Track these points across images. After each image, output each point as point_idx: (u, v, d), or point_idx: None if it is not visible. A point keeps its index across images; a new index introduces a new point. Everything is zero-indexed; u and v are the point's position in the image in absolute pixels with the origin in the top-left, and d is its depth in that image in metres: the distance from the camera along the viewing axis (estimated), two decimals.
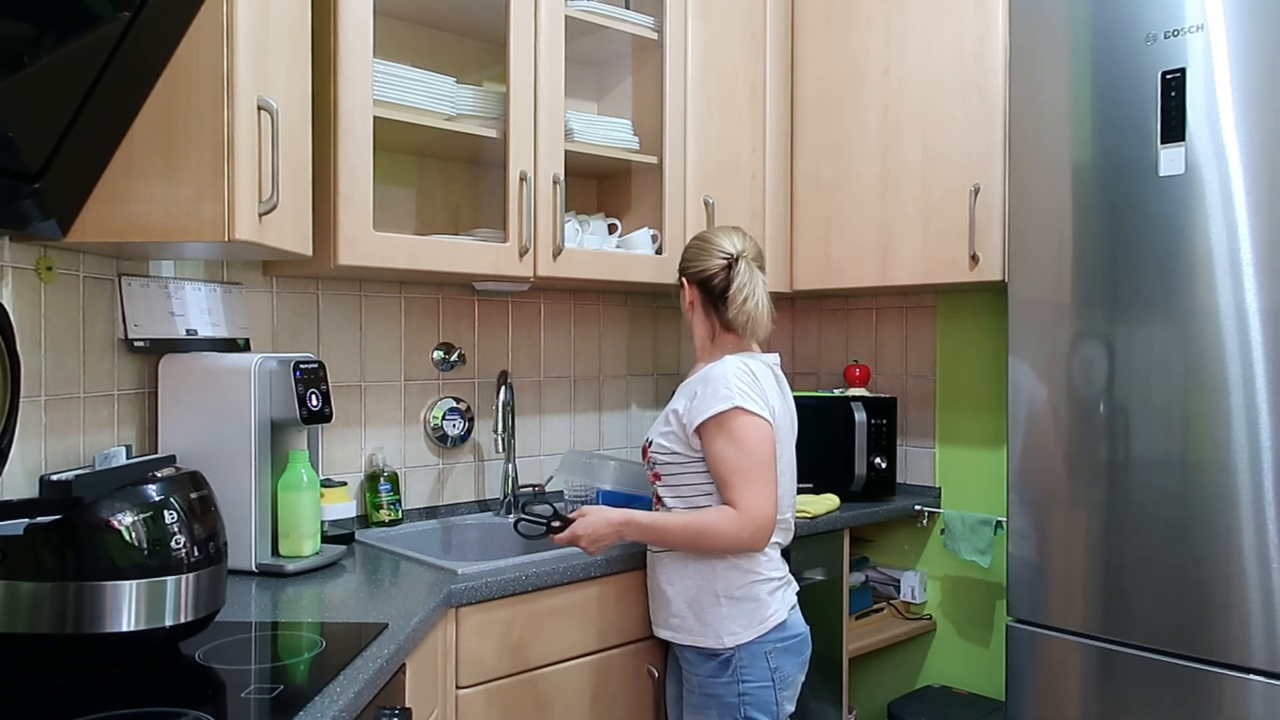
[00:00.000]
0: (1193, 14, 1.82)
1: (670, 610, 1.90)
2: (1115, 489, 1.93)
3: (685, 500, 1.88)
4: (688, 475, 1.87)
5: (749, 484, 1.78)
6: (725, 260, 1.94)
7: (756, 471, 1.79)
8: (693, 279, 1.98)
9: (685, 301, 2.00)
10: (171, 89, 1.52)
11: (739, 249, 1.95)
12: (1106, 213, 1.94)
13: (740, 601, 1.83)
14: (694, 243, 2.03)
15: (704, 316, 1.98)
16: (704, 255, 1.96)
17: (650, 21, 2.49)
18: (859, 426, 2.63)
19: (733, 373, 1.83)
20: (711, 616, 1.84)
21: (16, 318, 1.55)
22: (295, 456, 1.84)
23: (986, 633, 2.69)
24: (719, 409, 1.79)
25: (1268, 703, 1.73)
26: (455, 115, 2.18)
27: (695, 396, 1.84)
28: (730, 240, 1.97)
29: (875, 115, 2.61)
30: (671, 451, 1.88)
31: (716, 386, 1.82)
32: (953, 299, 2.77)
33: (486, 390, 2.54)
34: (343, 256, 1.92)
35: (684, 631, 1.87)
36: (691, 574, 1.86)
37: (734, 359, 1.88)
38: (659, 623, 1.95)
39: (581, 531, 1.87)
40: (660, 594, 1.92)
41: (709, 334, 1.98)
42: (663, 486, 1.92)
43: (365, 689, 1.24)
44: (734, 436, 1.79)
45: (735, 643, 1.82)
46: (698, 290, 1.97)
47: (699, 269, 1.97)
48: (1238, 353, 1.77)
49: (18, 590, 1.20)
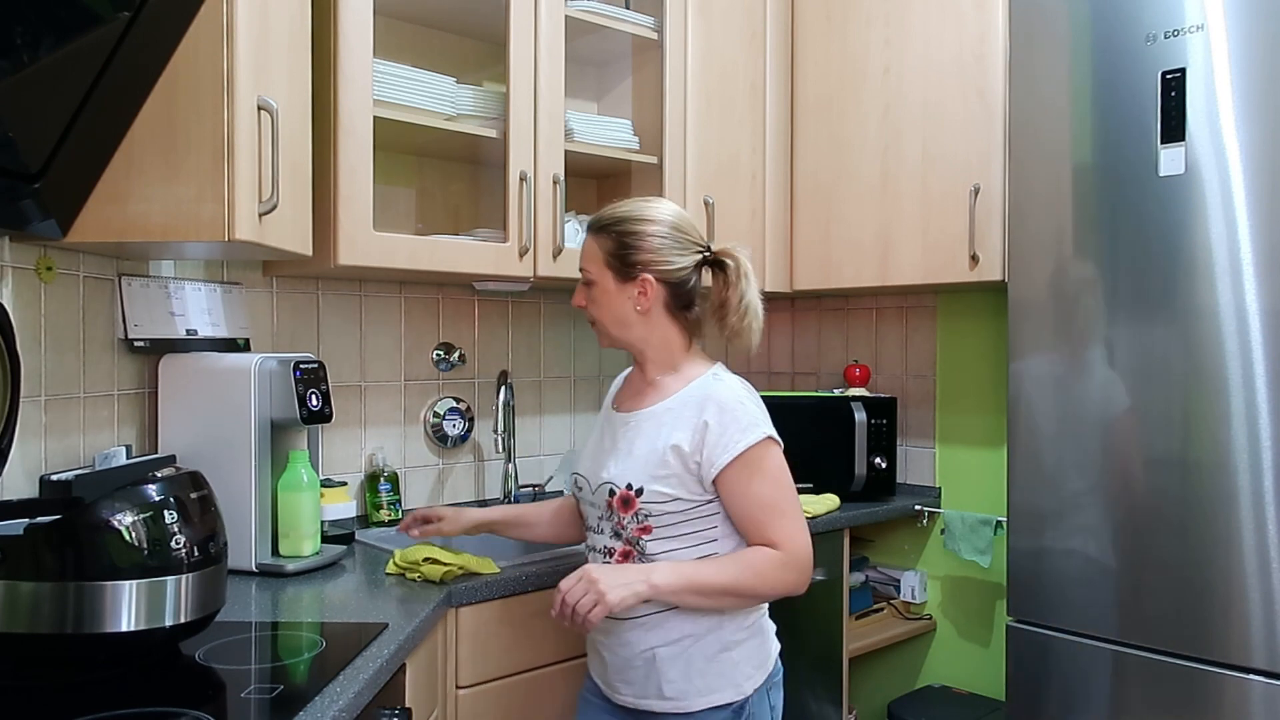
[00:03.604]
0: (1193, 14, 1.82)
1: (662, 678, 1.55)
2: (1115, 489, 1.92)
3: (684, 554, 1.56)
4: (691, 523, 1.55)
5: (789, 519, 1.53)
6: (701, 256, 1.62)
7: (792, 504, 1.55)
8: (660, 276, 1.59)
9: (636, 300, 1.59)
10: (171, 89, 1.52)
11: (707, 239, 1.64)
12: (1106, 213, 1.94)
13: (751, 638, 1.59)
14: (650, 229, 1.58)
15: (668, 320, 1.62)
16: (674, 248, 1.59)
17: (650, 21, 2.50)
18: (859, 426, 2.63)
19: (744, 395, 1.57)
20: (723, 666, 1.56)
21: (16, 318, 1.55)
22: (295, 456, 1.84)
23: (986, 633, 2.69)
24: (749, 442, 1.51)
25: (1268, 703, 1.73)
26: (455, 115, 2.18)
27: (707, 429, 1.52)
28: (691, 221, 1.64)
29: (875, 115, 2.61)
30: (674, 498, 1.54)
31: (735, 413, 1.53)
32: (953, 299, 2.77)
33: (486, 390, 2.54)
34: (343, 256, 1.92)
35: (689, 697, 1.55)
36: (691, 628, 1.55)
37: (731, 376, 1.62)
38: (640, 694, 1.59)
39: (601, 577, 1.47)
40: (643, 662, 1.57)
41: (684, 337, 1.64)
42: (654, 540, 1.56)
43: (365, 689, 1.24)
44: (767, 471, 1.53)
45: (753, 687, 1.57)
46: (664, 291, 1.60)
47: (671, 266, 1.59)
48: (1238, 353, 1.77)
49: (18, 590, 1.20)
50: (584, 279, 1.65)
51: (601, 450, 1.66)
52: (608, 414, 1.72)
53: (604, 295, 1.61)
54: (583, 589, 1.47)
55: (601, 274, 1.61)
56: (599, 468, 1.63)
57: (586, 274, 1.63)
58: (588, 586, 1.47)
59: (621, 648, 1.59)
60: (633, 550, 1.58)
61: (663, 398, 1.61)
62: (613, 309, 1.61)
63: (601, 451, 1.65)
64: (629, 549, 1.58)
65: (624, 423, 1.64)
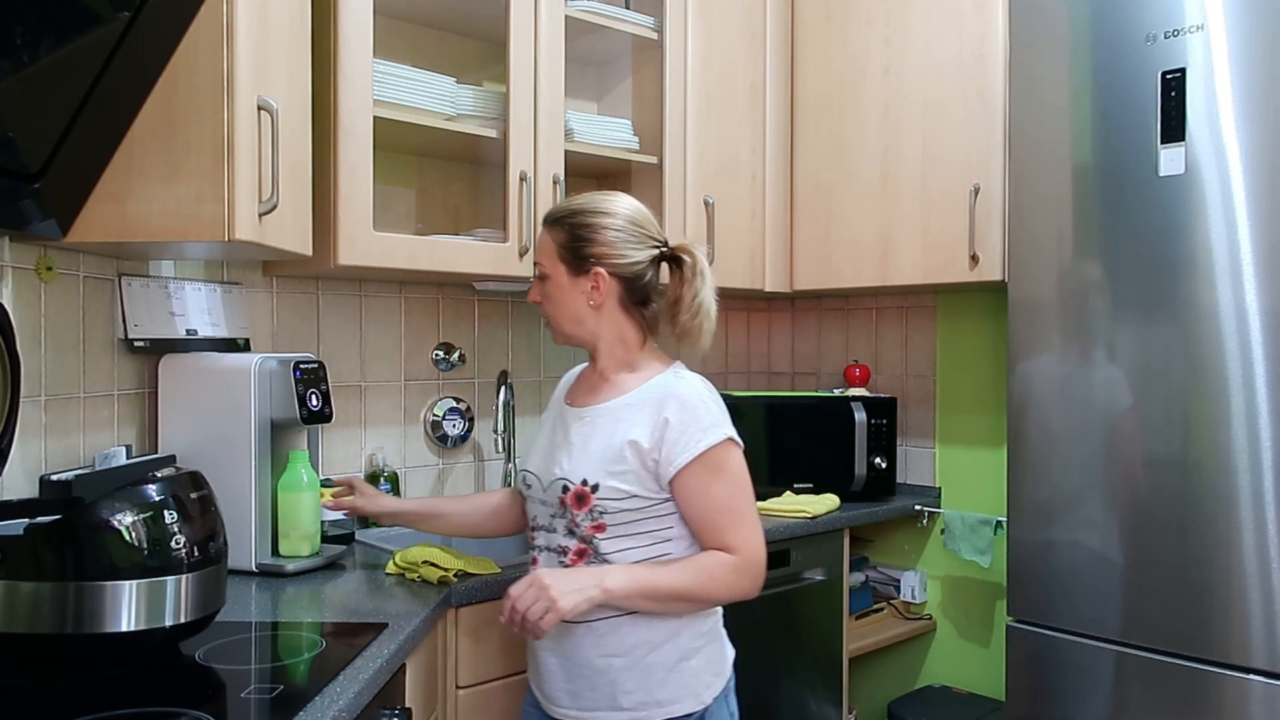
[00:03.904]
0: (1193, 14, 1.82)
1: (617, 688, 1.50)
2: (1115, 489, 1.92)
3: (639, 553, 1.51)
4: (647, 522, 1.51)
5: (744, 523, 1.50)
6: (657, 251, 1.57)
7: (750, 507, 1.52)
8: (613, 270, 1.54)
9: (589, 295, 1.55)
10: (171, 89, 1.52)
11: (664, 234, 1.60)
12: (1106, 213, 1.94)
13: (709, 644, 1.55)
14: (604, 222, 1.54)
15: (622, 316, 1.57)
16: (629, 241, 1.55)
17: (650, 21, 2.50)
18: (859, 426, 2.63)
19: (706, 394, 1.53)
20: (682, 675, 1.51)
21: (16, 318, 1.55)
22: (295, 456, 1.84)
23: (986, 633, 2.69)
24: (710, 442, 1.47)
25: (1268, 703, 1.73)
26: (455, 115, 2.18)
27: (667, 425, 1.47)
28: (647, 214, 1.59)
29: (875, 115, 2.61)
30: (629, 495, 1.49)
31: (697, 412, 1.49)
32: (953, 299, 2.77)
33: (486, 390, 2.54)
34: (343, 256, 1.92)
35: (647, 708, 1.50)
36: (648, 636, 1.50)
37: (692, 374, 1.57)
38: (589, 705, 1.52)
39: (553, 583, 1.42)
40: (594, 671, 1.51)
41: (640, 333, 1.59)
42: (608, 539, 1.51)
43: (365, 689, 1.24)
44: (725, 472, 1.49)
45: (713, 695, 1.53)
46: (618, 285, 1.55)
47: (625, 260, 1.54)
48: (1238, 353, 1.77)
49: (18, 590, 1.20)
50: (538, 273, 1.60)
51: (554, 446, 1.60)
52: (559, 409, 1.66)
53: (557, 289, 1.56)
54: (534, 595, 1.42)
55: (555, 267, 1.56)
56: (551, 464, 1.57)
57: (540, 268, 1.59)
58: (539, 593, 1.41)
59: (573, 654, 1.52)
60: (587, 549, 1.52)
61: (620, 393, 1.56)
62: (566, 303, 1.56)
63: (554, 447, 1.59)
64: (584, 547, 1.52)
65: (578, 418, 1.59)
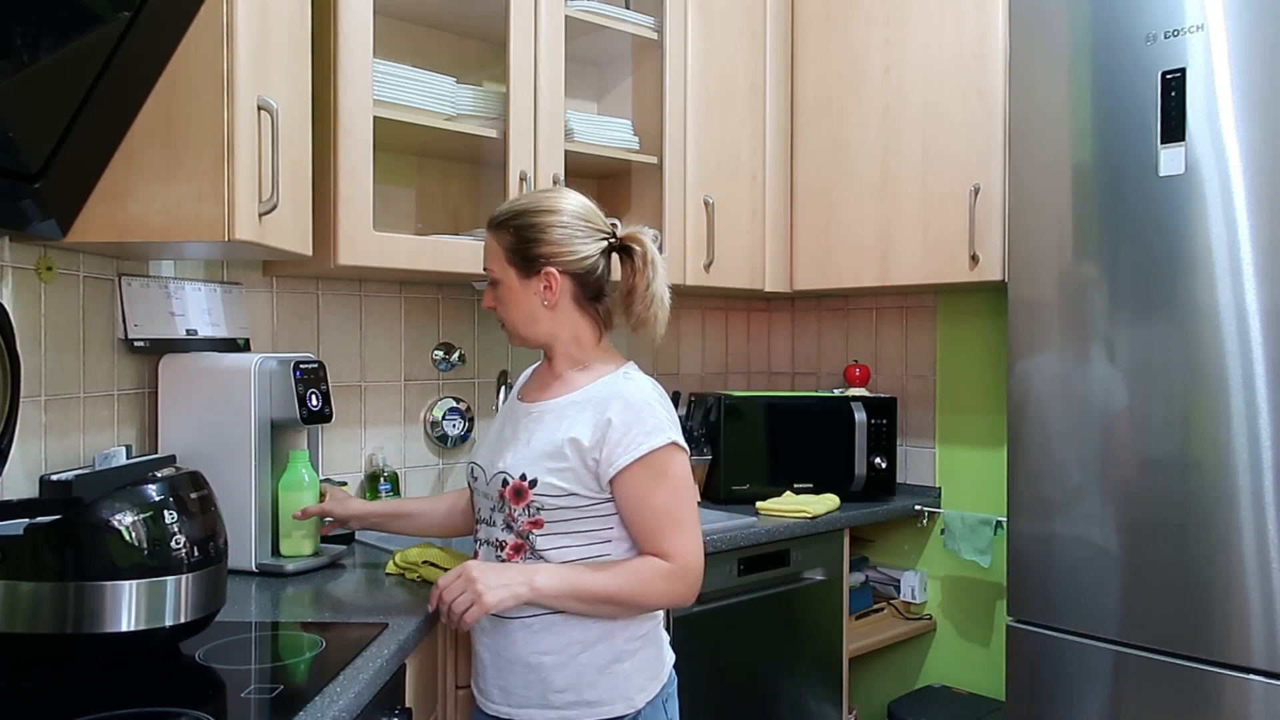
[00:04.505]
0: (1193, 14, 1.82)
1: (548, 686, 1.48)
2: (1115, 489, 1.92)
3: (576, 552, 1.49)
4: (585, 521, 1.49)
5: (682, 530, 1.46)
6: (606, 243, 1.54)
7: (688, 514, 1.48)
8: (565, 268, 1.51)
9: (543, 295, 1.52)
10: (171, 89, 1.52)
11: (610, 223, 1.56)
12: (1106, 213, 1.94)
13: (644, 648, 1.53)
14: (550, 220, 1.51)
15: (577, 313, 1.55)
16: (577, 237, 1.51)
17: (650, 21, 2.50)
18: (859, 426, 2.63)
19: (654, 396, 1.50)
20: (615, 677, 1.49)
21: (16, 318, 1.55)
22: (296, 456, 1.84)
23: (986, 633, 2.69)
24: (652, 446, 1.44)
25: (1268, 703, 1.73)
26: (455, 115, 2.18)
27: (610, 426, 1.45)
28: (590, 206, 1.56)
29: (875, 115, 2.61)
30: (568, 493, 1.46)
31: (641, 414, 1.46)
32: (953, 299, 2.77)
33: (486, 390, 2.54)
34: (343, 256, 1.92)
35: (577, 708, 1.48)
36: (581, 635, 1.48)
37: (642, 376, 1.55)
38: (520, 701, 1.50)
39: (481, 576, 1.42)
40: (525, 668, 1.49)
41: (595, 329, 1.57)
42: (545, 535, 1.49)
43: (365, 689, 1.24)
44: (666, 477, 1.46)
45: (645, 700, 1.50)
46: (571, 283, 1.52)
47: (576, 256, 1.51)
48: (1238, 353, 1.77)
49: (18, 590, 1.20)
50: (489, 279, 1.57)
51: (501, 440, 1.58)
52: (511, 404, 1.65)
53: (509, 293, 1.53)
54: (460, 587, 1.42)
55: (504, 271, 1.53)
56: (496, 457, 1.56)
57: (490, 273, 1.55)
58: (465, 585, 1.41)
59: (504, 649, 1.51)
60: (524, 544, 1.50)
61: (568, 391, 1.54)
62: (519, 306, 1.53)
63: (501, 442, 1.58)
64: (520, 542, 1.50)
65: (526, 413, 1.57)
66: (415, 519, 1.85)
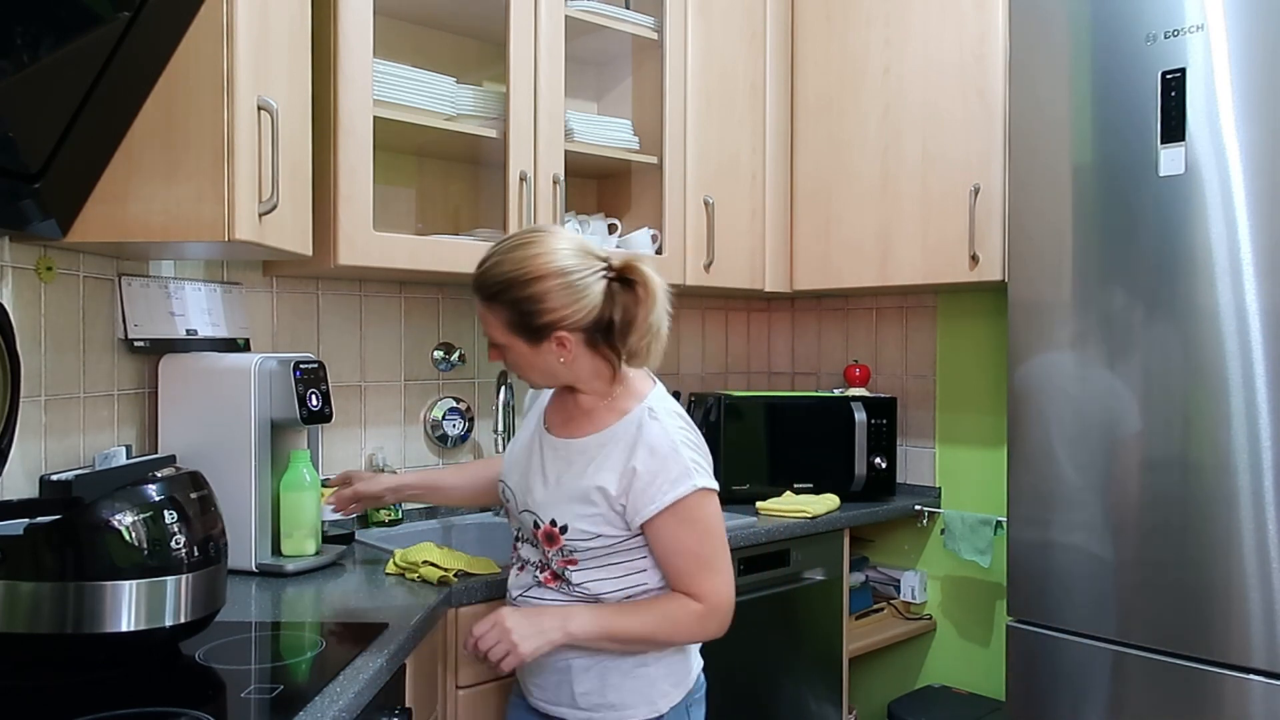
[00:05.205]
0: (1193, 14, 1.82)
1: (575, 684, 1.50)
2: (1115, 489, 1.92)
3: (612, 584, 1.49)
4: (619, 554, 1.49)
5: (714, 572, 1.46)
6: (605, 277, 1.45)
7: (719, 555, 1.47)
8: (576, 328, 1.44)
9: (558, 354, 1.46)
10: (171, 89, 1.52)
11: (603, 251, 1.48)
12: (1106, 213, 1.94)
13: (671, 654, 1.53)
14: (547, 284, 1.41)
15: (592, 358, 1.49)
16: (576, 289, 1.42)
17: (650, 21, 2.50)
18: (859, 426, 2.63)
19: (679, 438, 1.46)
20: (639, 682, 1.50)
21: (16, 318, 1.55)
22: (297, 456, 1.84)
23: (986, 633, 2.69)
24: (678, 495, 1.42)
25: (1268, 703, 1.73)
26: (455, 115, 2.18)
27: (635, 475, 1.43)
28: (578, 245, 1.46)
29: (875, 115, 2.61)
30: (595, 535, 1.47)
31: (666, 462, 1.43)
32: (953, 299, 2.77)
33: (486, 390, 2.54)
34: (343, 256, 1.92)
35: (601, 710, 1.50)
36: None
37: (666, 412, 1.50)
38: (552, 700, 1.54)
39: (515, 626, 1.43)
40: (554, 670, 1.52)
41: (610, 368, 1.51)
42: (579, 570, 1.50)
43: (365, 689, 1.24)
44: (694, 523, 1.44)
45: (669, 705, 1.51)
46: (582, 335, 1.46)
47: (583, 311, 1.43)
48: (1238, 353, 1.77)
49: (18, 590, 1.20)
50: (492, 343, 1.51)
51: (530, 469, 1.57)
52: (538, 427, 1.61)
53: (520, 358, 1.49)
54: (495, 637, 1.43)
55: (511, 341, 1.47)
56: (525, 490, 1.55)
57: (493, 338, 1.50)
58: (500, 635, 1.43)
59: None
60: (561, 577, 1.51)
61: (595, 429, 1.51)
62: (534, 369, 1.50)
63: (530, 471, 1.57)
64: (557, 573, 1.52)
65: (553, 447, 1.56)
66: (450, 493, 1.92)
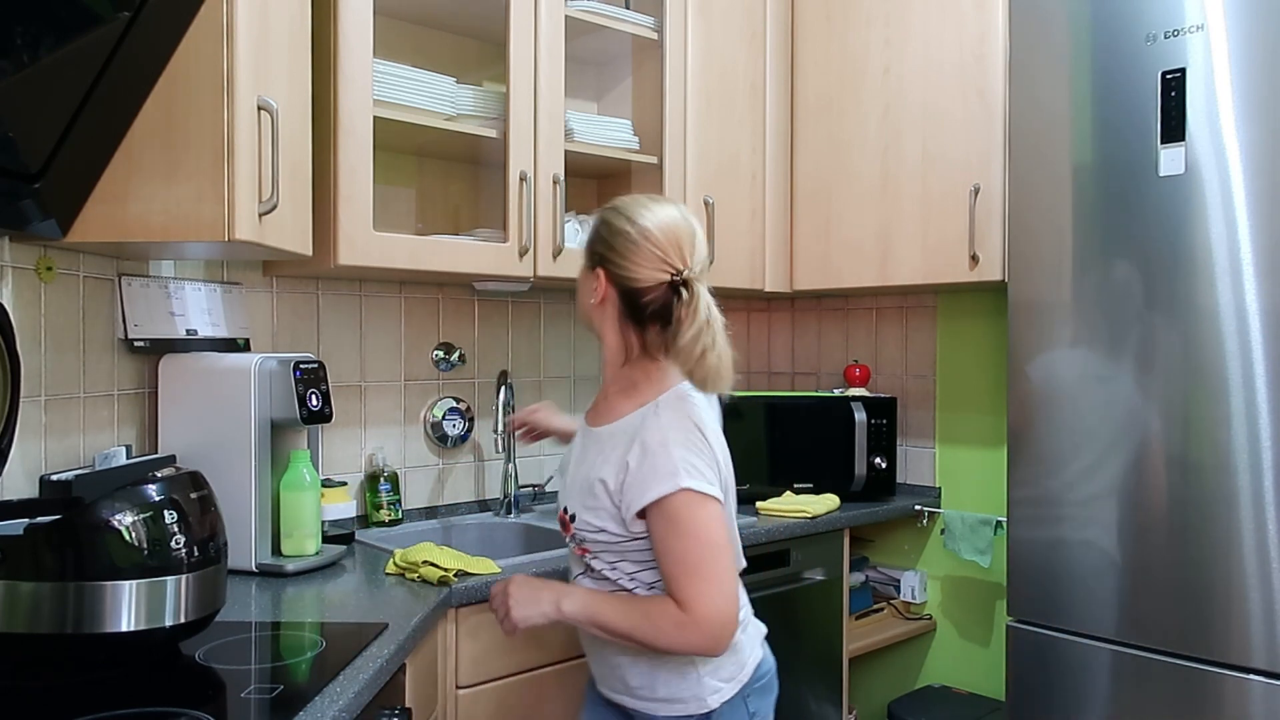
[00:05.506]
0: (1193, 14, 1.82)
1: (627, 676, 1.53)
2: (1115, 488, 1.92)
3: (631, 578, 1.51)
4: (628, 553, 1.49)
5: (701, 580, 1.40)
6: (669, 276, 1.46)
7: (708, 563, 1.41)
8: (614, 278, 1.50)
9: (592, 292, 1.53)
10: (171, 89, 1.52)
11: (691, 261, 1.47)
12: (1106, 213, 1.94)
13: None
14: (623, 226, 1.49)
15: (617, 327, 1.53)
16: (637, 255, 1.47)
17: (650, 21, 2.50)
18: (859, 426, 2.63)
19: (674, 436, 1.44)
20: (686, 679, 1.49)
21: (16, 318, 1.55)
22: (297, 456, 1.84)
23: (986, 633, 2.69)
24: (661, 492, 1.40)
25: (1268, 703, 1.73)
26: (455, 115, 2.18)
27: (628, 469, 1.44)
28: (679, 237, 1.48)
29: (875, 115, 2.61)
30: (600, 529, 1.48)
31: (655, 460, 1.42)
32: (953, 299, 2.77)
33: (486, 390, 2.54)
34: (343, 256, 1.92)
35: (652, 701, 1.51)
36: None
37: (672, 409, 1.48)
38: (611, 687, 1.57)
39: (515, 592, 1.53)
40: (607, 657, 1.55)
41: (622, 351, 1.54)
42: (596, 559, 1.53)
43: (365, 689, 1.24)
44: (677, 524, 1.41)
45: (720, 700, 1.50)
46: (616, 293, 1.51)
47: (627, 273, 1.48)
48: (1238, 353, 1.77)
49: (18, 590, 1.21)
50: None
51: (569, 454, 1.64)
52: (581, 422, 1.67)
53: (580, 273, 1.59)
54: (499, 601, 1.57)
55: (582, 255, 1.58)
56: (560, 475, 1.65)
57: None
58: (501, 600, 1.56)
59: (591, 642, 1.60)
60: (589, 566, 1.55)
61: (612, 419, 1.54)
62: (582, 288, 1.58)
63: (569, 456, 1.64)
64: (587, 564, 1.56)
65: (583, 434, 1.61)
66: None
